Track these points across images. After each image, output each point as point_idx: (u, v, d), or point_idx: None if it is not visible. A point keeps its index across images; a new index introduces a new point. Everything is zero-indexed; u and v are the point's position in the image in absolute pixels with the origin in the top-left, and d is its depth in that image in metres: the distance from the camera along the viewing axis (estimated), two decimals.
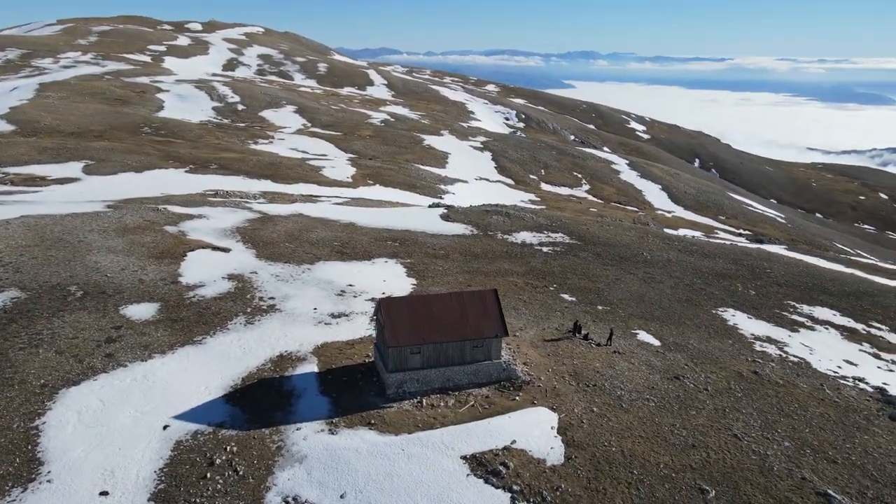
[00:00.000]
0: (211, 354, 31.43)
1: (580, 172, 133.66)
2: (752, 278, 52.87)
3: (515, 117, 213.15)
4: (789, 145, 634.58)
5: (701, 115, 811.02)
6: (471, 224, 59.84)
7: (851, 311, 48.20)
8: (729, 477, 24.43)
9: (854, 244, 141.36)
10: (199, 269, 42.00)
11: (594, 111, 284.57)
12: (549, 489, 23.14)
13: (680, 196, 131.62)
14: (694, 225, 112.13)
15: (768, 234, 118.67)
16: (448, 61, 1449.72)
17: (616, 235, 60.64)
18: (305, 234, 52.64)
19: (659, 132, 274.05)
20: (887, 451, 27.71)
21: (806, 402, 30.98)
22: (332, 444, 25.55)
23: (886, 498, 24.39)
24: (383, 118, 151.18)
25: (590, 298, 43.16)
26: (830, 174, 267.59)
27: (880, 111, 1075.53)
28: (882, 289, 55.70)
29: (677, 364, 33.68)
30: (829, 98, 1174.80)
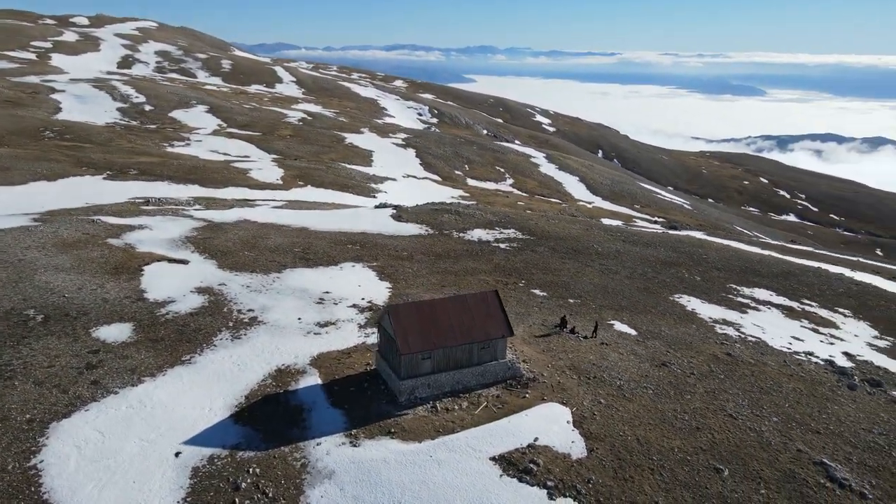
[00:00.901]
0: (205, 374, 30.08)
1: (502, 167, 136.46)
2: (693, 265, 56.40)
3: (428, 113, 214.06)
4: (676, 135, 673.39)
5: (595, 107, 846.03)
6: (424, 224, 60.04)
7: (784, 291, 52.50)
8: (736, 455, 26.30)
9: (748, 226, 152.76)
10: (162, 284, 39.85)
11: (501, 105, 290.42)
12: (581, 482, 24.03)
13: (597, 187, 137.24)
14: (613, 214, 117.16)
15: (679, 220, 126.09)
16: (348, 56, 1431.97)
17: (564, 229, 62.77)
18: (261, 241, 50.99)
19: (563, 125, 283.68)
20: (856, 418, 30.69)
21: (779, 379, 33.70)
22: (357, 456, 25.25)
23: (868, 461, 27.09)
24: (300, 117, 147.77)
25: (559, 293, 44.62)
26: (717, 161, 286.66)
27: (752, 101, 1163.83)
28: (801, 268, 60.93)
29: (659, 351, 35.63)
30: (707, 90, 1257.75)
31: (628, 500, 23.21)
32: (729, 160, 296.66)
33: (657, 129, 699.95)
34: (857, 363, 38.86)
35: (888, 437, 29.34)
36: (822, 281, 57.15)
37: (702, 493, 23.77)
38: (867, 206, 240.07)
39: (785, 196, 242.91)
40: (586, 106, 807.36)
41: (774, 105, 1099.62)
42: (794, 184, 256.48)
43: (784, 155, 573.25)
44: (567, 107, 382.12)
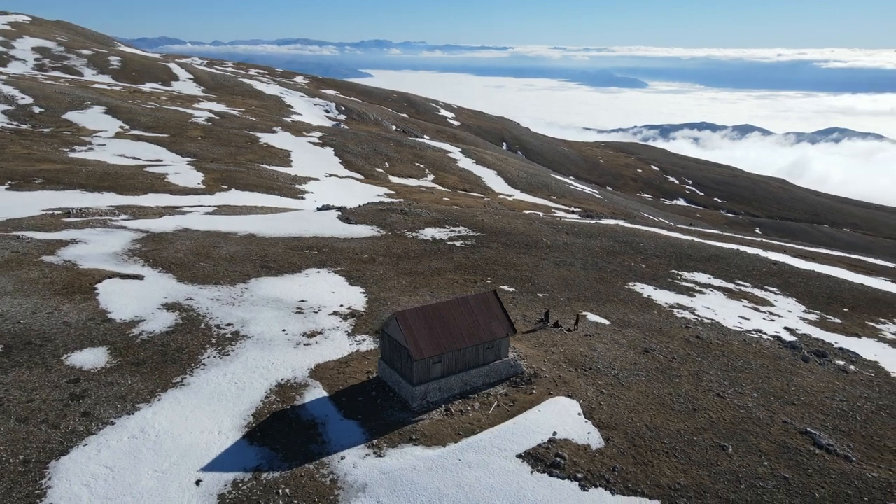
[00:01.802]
0: (203, 395, 28.72)
1: (421, 163, 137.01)
2: (634, 253, 59.52)
3: (336, 110, 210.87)
4: (569, 126, 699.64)
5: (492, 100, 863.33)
6: (374, 224, 59.61)
7: (718, 273, 56.56)
8: (734, 431, 28.40)
9: (652, 212, 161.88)
10: (123, 303, 37.40)
11: (405, 100, 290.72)
12: (607, 471, 25.15)
13: (515, 180, 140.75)
14: (534, 206, 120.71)
15: (594, 209, 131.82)
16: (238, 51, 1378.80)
17: (510, 224, 64.27)
18: (212, 250, 48.85)
19: (467, 119, 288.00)
20: (818, 388, 33.84)
21: (746, 357, 36.52)
22: (385, 466, 25.11)
23: (840, 427, 30.01)
24: (208, 117, 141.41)
25: (527, 287, 45.85)
26: (612, 151, 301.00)
27: (636, 93, 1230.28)
28: (725, 251, 65.74)
29: (637, 339, 37.58)
30: (594, 82, 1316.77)
31: (654, 484, 24.58)
32: (622, 149, 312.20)
33: (551, 120, 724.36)
34: (799, 337, 42.70)
35: (849, 402, 32.60)
36: (746, 262, 61.97)
37: (715, 471, 25.54)
38: (744, 189, 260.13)
39: (674, 182, 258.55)
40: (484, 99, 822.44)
41: (655, 96, 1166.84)
42: (681, 170, 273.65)
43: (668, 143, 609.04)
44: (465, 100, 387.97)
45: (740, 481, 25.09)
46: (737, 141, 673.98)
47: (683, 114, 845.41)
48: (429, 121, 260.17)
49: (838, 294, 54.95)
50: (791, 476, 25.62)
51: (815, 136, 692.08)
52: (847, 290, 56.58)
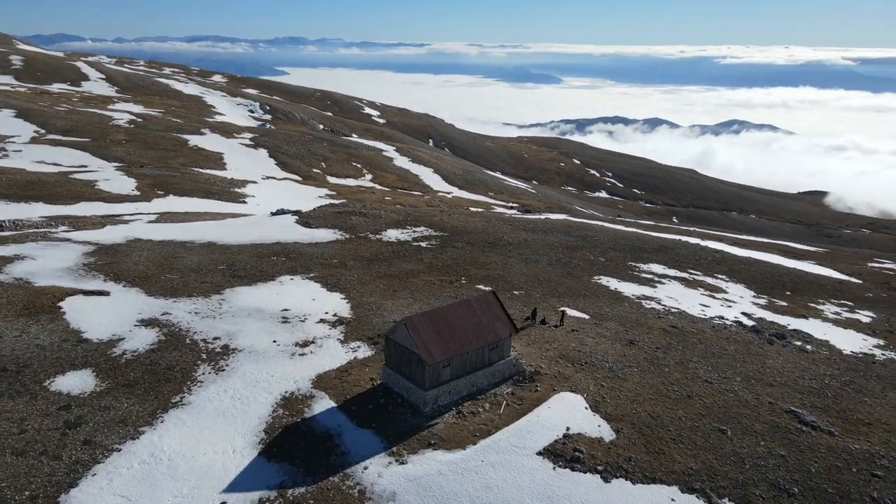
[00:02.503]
0: (207, 414, 27.70)
1: (358, 162, 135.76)
2: (591, 247, 61.50)
3: (260, 109, 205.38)
4: (489, 121, 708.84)
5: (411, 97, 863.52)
6: (335, 228, 58.80)
7: (671, 263, 59.33)
8: (728, 415, 30.11)
9: (582, 205, 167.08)
10: (96, 321, 35.39)
11: (329, 99, 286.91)
12: (624, 461, 26.15)
13: (452, 177, 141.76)
14: (474, 203, 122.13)
15: (531, 204, 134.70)
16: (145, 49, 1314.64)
17: (468, 223, 64.90)
18: (174, 261, 46.89)
19: (392, 116, 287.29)
20: (789, 368, 36.25)
21: (721, 343, 38.67)
22: (410, 473, 25.13)
23: (817, 404, 32.34)
24: (129, 119, 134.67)
25: (502, 286, 46.58)
26: (535, 146, 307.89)
27: (551, 89, 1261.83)
28: (670, 242, 68.98)
29: (619, 331, 39.02)
30: (511, 78, 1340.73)
31: (669, 471, 25.77)
32: (545, 144, 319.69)
33: (471, 116, 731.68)
34: (756, 321, 45.55)
35: (817, 380, 35.16)
36: (691, 252, 65.27)
37: (721, 454, 27.06)
38: (660, 180, 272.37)
39: (595, 175, 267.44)
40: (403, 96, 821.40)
41: (570, 91, 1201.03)
42: (601, 163, 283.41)
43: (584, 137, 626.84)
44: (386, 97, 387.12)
45: (744, 462, 26.70)
46: (647, 134, 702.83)
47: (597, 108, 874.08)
48: (354, 119, 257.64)
49: (779, 278, 58.82)
50: (787, 454, 27.48)
51: (717, 128, 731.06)
52: (785, 275, 60.65)
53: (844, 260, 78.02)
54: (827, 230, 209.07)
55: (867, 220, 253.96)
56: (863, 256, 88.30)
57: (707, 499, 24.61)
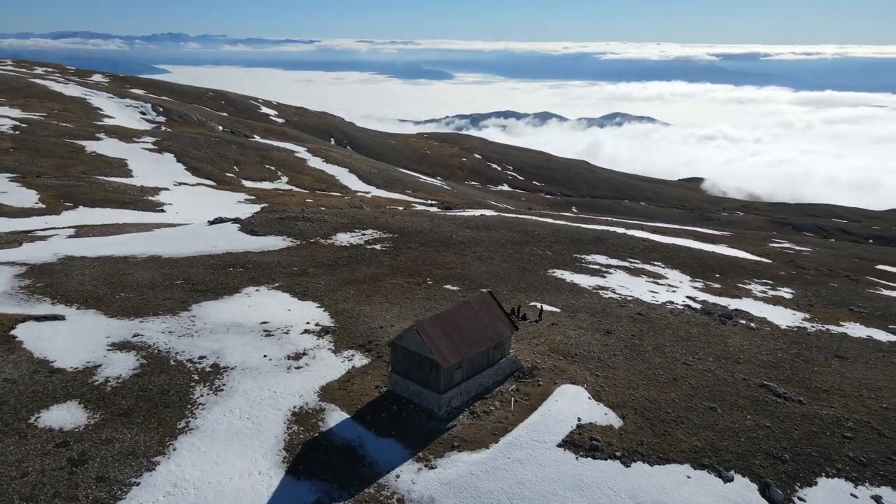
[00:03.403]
0: (220, 437, 26.58)
1: (271, 165, 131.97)
2: (535, 242, 63.54)
3: (153, 111, 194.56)
4: (384, 118, 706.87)
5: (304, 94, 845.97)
6: (283, 235, 57.24)
7: (610, 253, 62.40)
8: (713, 393, 32.51)
9: (493, 199, 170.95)
10: (61, 348, 32.78)
11: (223, 98, 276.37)
12: (637, 445, 27.71)
13: (368, 177, 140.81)
14: (395, 202, 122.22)
15: (449, 201, 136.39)
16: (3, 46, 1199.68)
17: (413, 224, 65.09)
18: (124, 278, 44.06)
19: (291, 115, 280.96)
20: (746, 346, 39.44)
21: (684, 327, 41.44)
22: (443, 477, 25.42)
23: (780, 376, 35.51)
24: (12, 124, 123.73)
25: (467, 284, 47.34)
26: (436, 142, 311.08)
27: (443, 84, 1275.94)
28: (603, 233, 72.45)
29: (592, 322, 40.85)
30: (403, 75, 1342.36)
31: (678, 450, 27.62)
32: (445, 140, 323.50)
33: (367, 113, 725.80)
34: (702, 303, 49.08)
35: (772, 355, 38.57)
36: (624, 242, 68.95)
37: (718, 430, 29.26)
38: (557, 172, 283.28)
39: (497, 169, 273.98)
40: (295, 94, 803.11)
41: (462, 87, 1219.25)
42: (501, 157, 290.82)
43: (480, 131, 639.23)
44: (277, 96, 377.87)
45: (739, 435, 29.05)
46: (538, 127, 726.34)
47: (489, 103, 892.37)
48: (252, 119, 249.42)
49: (706, 262, 63.41)
50: (771, 424, 30.15)
51: (602, 120, 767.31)
52: (709, 258, 65.47)
53: (749, 242, 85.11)
54: (707, 214, 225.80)
55: (740, 203, 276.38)
56: (762, 238, 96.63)
57: (717, 472, 26.65)
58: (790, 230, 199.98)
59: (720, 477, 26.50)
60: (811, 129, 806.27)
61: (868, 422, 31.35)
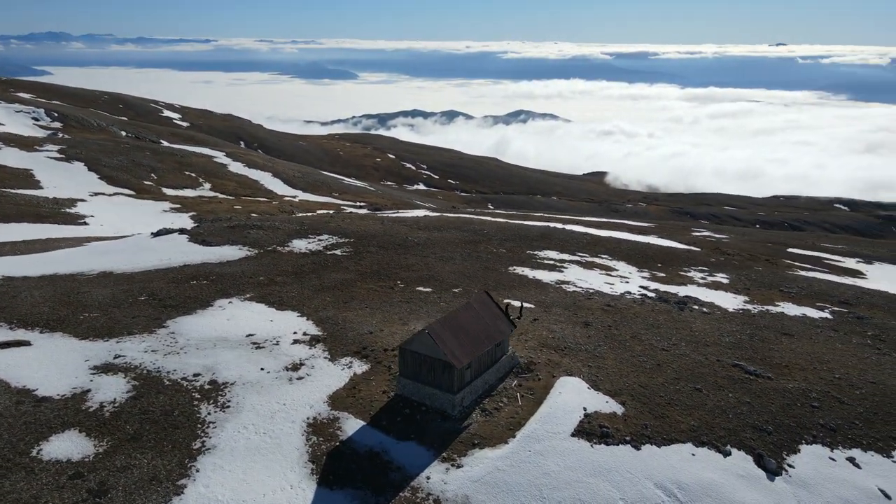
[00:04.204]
0: (241, 454, 25.96)
1: (191, 171, 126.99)
2: (487, 240, 64.99)
3: (47, 116, 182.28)
4: (290, 119, 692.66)
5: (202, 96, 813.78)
6: (238, 244, 55.59)
7: (560, 248, 64.81)
8: (695, 375, 34.86)
9: (417, 199, 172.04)
10: (39, 376, 30.73)
11: (120, 102, 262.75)
12: (642, 429, 29.45)
13: (293, 181, 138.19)
14: (323, 205, 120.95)
15: (377, 202, 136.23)
16: None
17: (365, 227, 64.87)
18: (80, 297, 41.56)
19: (195, 119, 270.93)
20: (708, 330, 42.34)
21: (651, 315, 43.94)
22: (472, 475, 26.08)
23: (745, 356, 38.44)
24: None
25: (439, 285, 47.95)
26: (348, 143, 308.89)
27: (348, 84, 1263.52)
28: (546, 230, 74.98)
29: (569, 316, 42.54)
30: (306, 75, 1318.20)
31: (679, 430, 29.61)
32: (357, 140, 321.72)
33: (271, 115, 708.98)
34: (655, 291, 52.13)
35: (731, 336, 41.69)
36: (567, 236, 71.76)
37: (708, 409, 31.53)
38: (470, 170, 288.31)
39: (412, 168, 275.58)
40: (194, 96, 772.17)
41: (367, 87, 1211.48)
42: (415, 156, 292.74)
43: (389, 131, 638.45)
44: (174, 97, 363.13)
45: (726, 412, 31.47)
46: (446, 126, 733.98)
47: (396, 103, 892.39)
48: (154, 123, 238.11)
49: (646, 253, 67.11)
50: (751, 400, 32.82)
51: (507, 118, 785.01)
52: (647, 249, 69.31)
53: (675, 232, 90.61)
54: (615, 206, 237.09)
55: (642, 195, 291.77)
56: (683, 228, 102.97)
57: (716, 448, 28.82)
58: (688, 219, 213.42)
59: (720, 452, 28.68)
60: (698, 123, 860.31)
61: (828, 392, 34.68)
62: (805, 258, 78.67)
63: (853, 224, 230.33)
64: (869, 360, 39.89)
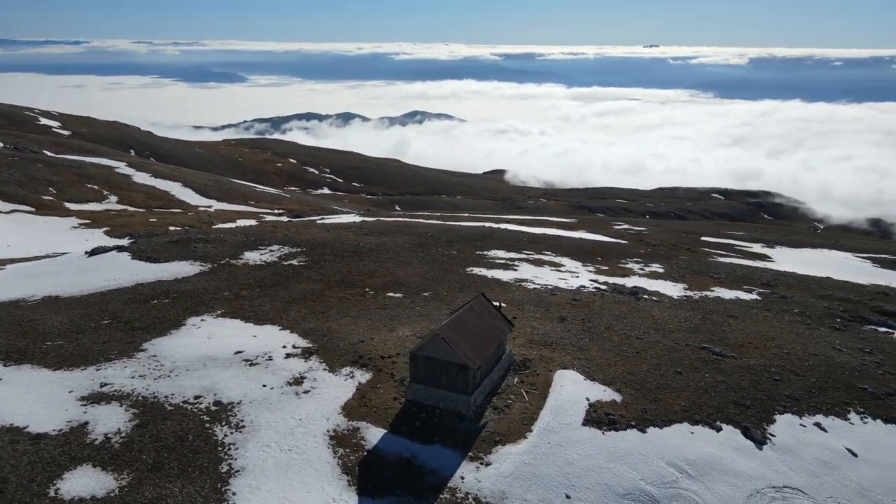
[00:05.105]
0: (273, 473, 25.48)
1: (93, 183, 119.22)
2: (434, 243, 65.84)
3: None
4: (177, 125, 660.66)
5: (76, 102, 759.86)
6: (188, 259, 53.25)
7: (506, 248, 66.77)
8: (672, 359, 37.48)
9: (338, 204, 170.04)
10: (24, 411, 28.53)
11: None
12: (642, 413, 31.49)
13: (206, 190, 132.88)
14: (242, 214, 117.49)
15: (296, 209, 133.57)
16: None
17: (314, 236, 63.88)
18: (36, 325, 38.64)
19: (78, 126, 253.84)
20: (668, 317, 45.44)
21: (615, 306, 46.51)
22: (502, 471, 27.06)
23: (706, 339, 41.75)
24: None
25: (408, 290, 48.28)
26: (246, 148, 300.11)
27: (237, 88, 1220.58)
28: (486, 230, 76.86)
29: (543, 312, 44.23)
30: (191, 78, 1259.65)
31: (674, 411, 31.94)
32: (255, 146, 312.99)
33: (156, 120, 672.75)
34: (604, 284, 55.09)
35: (689, 322, 44.99)
36: (508, 236, 73.99)
37: (692, 389, 34.13)
38: (373, 172, 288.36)
39: (315, 172, 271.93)
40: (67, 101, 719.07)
41: (258, 90, 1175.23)
42: (317, 160, 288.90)
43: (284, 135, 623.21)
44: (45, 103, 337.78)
45: (707, 391, 34.25)
46: (342, 128, 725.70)
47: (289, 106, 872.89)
48: (32, 132, 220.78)
49: (584, 248, 70.49)
50: (725, 379, 35.85)
51: (403, 118, 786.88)
52: (584, 244, 72.79)
53: (600, 227, 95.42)
54: (517, 203, 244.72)
55: (541, 191, 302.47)
56: (603, 222, 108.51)
57: (709, 425, 31.40)
58: (586, 212, 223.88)
59: (713, 428, 31.27)
60: (584, 121, 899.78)
61: (783, 366, 38.42)
62: (719, 245, 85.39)
63: (729, 211, 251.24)
64: (805, 335, 44.42)
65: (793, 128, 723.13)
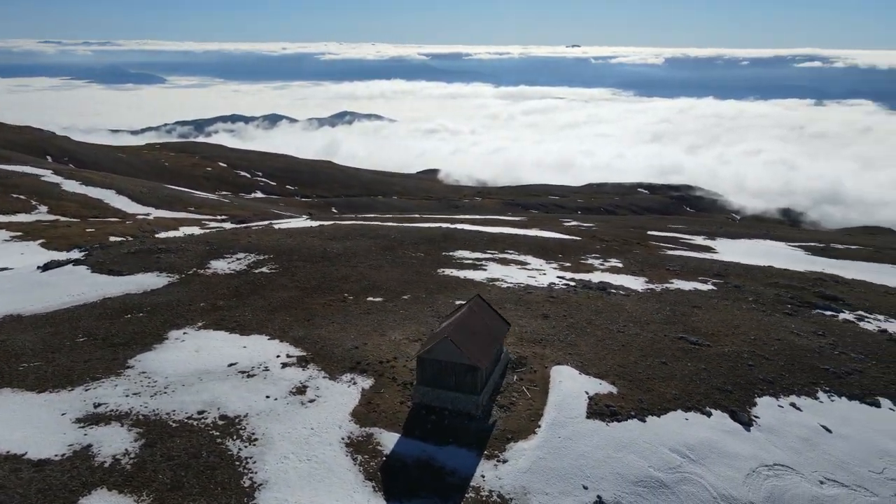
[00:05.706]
0: (296, 485, 25.23)
1: (20, 193, 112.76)
2: (400, 245, 65.93)
3: None
4: (92, 129, 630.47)
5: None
6: (153, 271, 51.32)
7: (470, 248, 67.61)
8: (654, 350, 39.15)
9: (279, 207, 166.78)
10: (17, 437, 27.06)
11: None
12: (639, 403, 32.82)
13: (142, 197, 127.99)
14: (183, 221, 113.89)
15: (238, 214, 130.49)
16: None
17: (279, 242, 62.74)
18: (6, 346, 36.53)
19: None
20: (641, 310, 47.25)
21: (590, 301, 48.04)
22: (520, 467, 27.77)
23: (680, 330, 43.80)
24: None
25: (388, 294, 48.24)
26: (172, 152, 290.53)
27: (155, 89, 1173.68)
28: (443, 230, 77.52)
29: (523, 310, 45.20)
30: (105, 79, 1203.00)
31: (667, 400, 33.48)
32: (181, 149, 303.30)
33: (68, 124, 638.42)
34: (571, 280, 56.76)
35: (660, 313, 47.02)
36: (469, 236, 74.86)
37: (679, 378, 35.82)
38: (306, 174, 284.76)
39: (246, 176, 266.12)
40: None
41: (178, 91, 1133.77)
42: (248, 164, 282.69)
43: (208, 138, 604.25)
44: None
45: (692, 378, 36.08)
46: (269, 130, 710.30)
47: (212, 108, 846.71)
48: None
49: (544, 246, 72.23)
50: (706, 366, 37.82)
51: (332, 119, 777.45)
52: (543, 242, 74.56)
53: (551, 224, 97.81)
54: (454, 202, 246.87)
55: (476, 190, 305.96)
56: (552, 219, 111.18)
57: (700, 411, 33.14)
58: (520, 210, 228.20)
59: (703, 414, 33.03)
60: (513, 119, 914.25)
61: (753, 351, 40.84)
62: (665, 239, 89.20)
63: (654, 205, 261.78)
64: (765, 322, 47.27)
65: (707, 124, 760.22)
